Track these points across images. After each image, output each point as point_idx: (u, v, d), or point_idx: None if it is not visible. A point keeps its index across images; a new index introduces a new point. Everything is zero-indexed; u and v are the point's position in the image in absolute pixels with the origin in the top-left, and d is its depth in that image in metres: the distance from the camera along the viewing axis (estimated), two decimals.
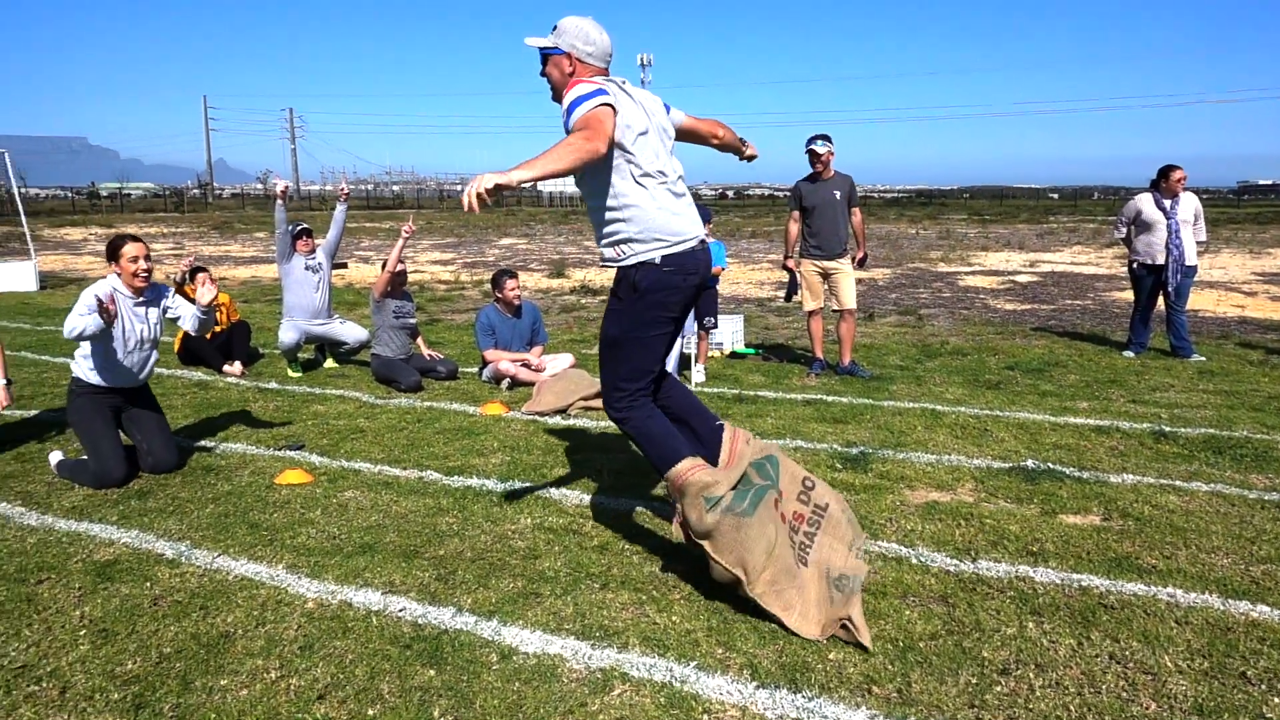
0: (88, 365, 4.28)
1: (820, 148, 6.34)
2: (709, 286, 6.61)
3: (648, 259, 2.91)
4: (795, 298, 6.78)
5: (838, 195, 6.37)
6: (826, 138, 6.40)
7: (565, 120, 2.82)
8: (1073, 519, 3.64)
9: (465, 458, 4.57)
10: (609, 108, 2.78)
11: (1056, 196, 77.91)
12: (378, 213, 43.30)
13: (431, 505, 3.86)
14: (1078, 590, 2.98)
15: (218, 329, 7.05)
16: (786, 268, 6.70)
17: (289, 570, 3.21)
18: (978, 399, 5.79)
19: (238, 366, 6.79)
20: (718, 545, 2.80)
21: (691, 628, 2.76)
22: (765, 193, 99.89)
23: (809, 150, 6.39)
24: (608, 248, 2.98)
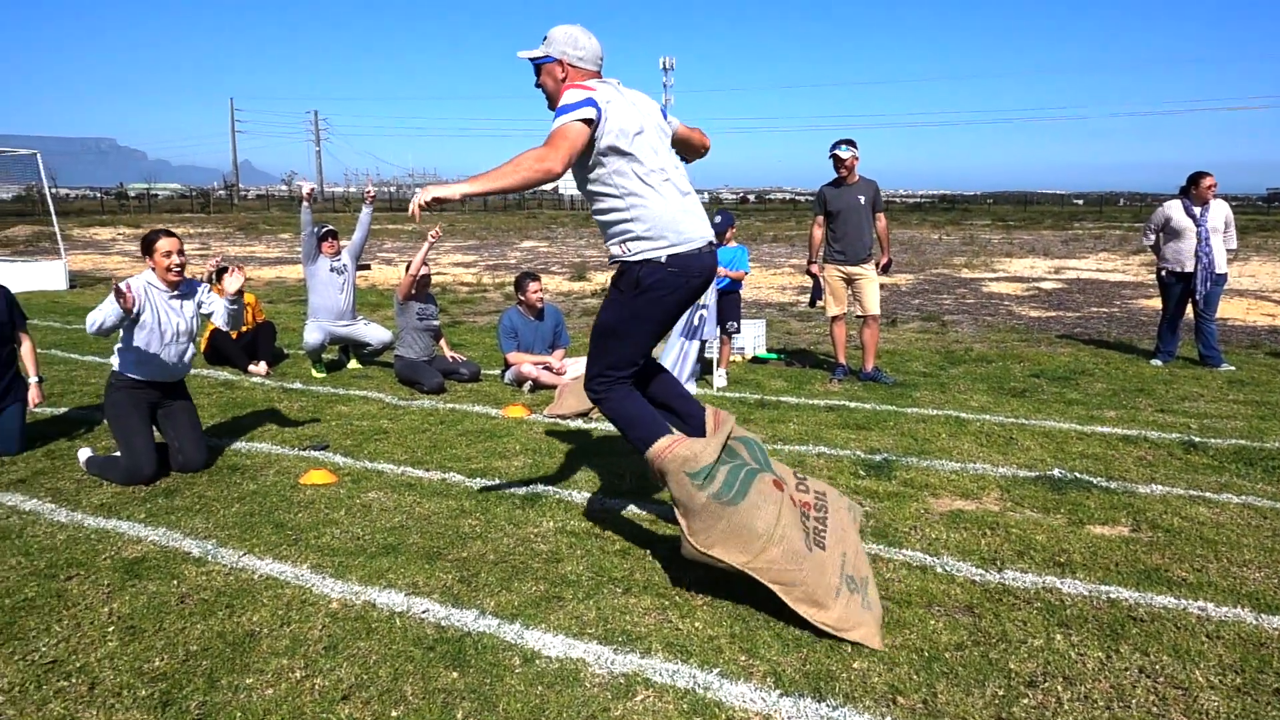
0: (128, 359, 4.33)
1: (844, 153, 6.31)
2: (732, 291, 6.60)
3: (654, 256, 2.93)
4: (819, 303, 6.75)
5: (862, 200, 6.34)
6: (851, 142, 6.36)
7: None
8: (1100, 530, 3.60)
9: (488, 460, 4.58)
10: (585, 124, 2.81)
11: (1081, 202, 77.08)
12: (400, 215, 43.56)
13: (454, 507, 3.87)
14: (1106, 602, 2.94)
15: (244, 329, 7.13)
16: (810, 273, 6.67)
17: (313, 570, 3.23)
18: (1003, 406, 5.74)
19: (263, 366, 6.86)
20: (693, 526, 2.78)
21: (715, 634, 2.75)
22: (786, 197, 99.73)
23: (833, 155, 6.36)
24: (615, 245, 3.00)
